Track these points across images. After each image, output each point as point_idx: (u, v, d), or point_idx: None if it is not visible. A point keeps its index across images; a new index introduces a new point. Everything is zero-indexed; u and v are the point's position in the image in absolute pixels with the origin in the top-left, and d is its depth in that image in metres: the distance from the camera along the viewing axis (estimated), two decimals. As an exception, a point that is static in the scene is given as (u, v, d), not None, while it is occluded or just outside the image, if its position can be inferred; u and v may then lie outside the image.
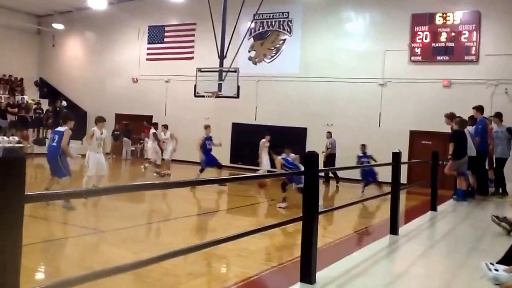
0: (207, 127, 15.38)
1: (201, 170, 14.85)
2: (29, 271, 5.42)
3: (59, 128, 10.14)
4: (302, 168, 12.74)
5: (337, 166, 17.03)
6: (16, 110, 22.96)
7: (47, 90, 27.04)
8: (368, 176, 14.10)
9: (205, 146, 14.97)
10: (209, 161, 14.92)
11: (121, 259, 6.19)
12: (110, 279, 2.62)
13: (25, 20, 26.64)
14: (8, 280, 1.89)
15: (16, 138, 21.33)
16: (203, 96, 17.76)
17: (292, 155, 11.61)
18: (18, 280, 1.93)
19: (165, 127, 17.18)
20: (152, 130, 17.36)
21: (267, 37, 21.10)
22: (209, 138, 15.11)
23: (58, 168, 9.66)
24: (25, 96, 24.73)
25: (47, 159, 9.90)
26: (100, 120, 11.34)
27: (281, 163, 11.13)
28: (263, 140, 16.51)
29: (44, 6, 25.90)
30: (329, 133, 17.72)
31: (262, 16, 20.54)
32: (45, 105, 25.33)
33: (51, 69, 27.46)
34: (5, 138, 20.84)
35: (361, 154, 14.76)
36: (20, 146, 20.58)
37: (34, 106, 24.30)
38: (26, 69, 26.72)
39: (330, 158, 16.87)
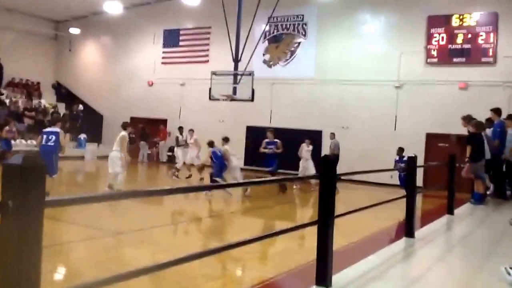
0: (271, 131, 15.01)
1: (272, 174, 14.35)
2: (48, 274, 5.49)
3: (53, 129, 11.02)
4: (234, 162, 13.19)
5: (343, 167, 16.81)
6: (33, 114, 23.22)
7: (64, 94, 27.34)
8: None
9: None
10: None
11: (138, 260, 6.26)
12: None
13: (42, 25, 27.03)
14: (28, 285, 1.93)
15: (34, 142, 21.52)
16: (218, 100, 17.81)
17: (225, 147, 13.38)
18: (39, 285, 1.97)
19: (192, 131, 17.20)
20: (176, 134, 17.41)
21: (282, 40, 21.10)
22: (270, 143, 14.61)
23: (52, 166, 10.30)
24: (42, 100, 25.03)
25: (44, 158, 10.06)
26: (129, 125, 12.82)
27: (209, 155, 13.12)
28: (303, 144, 16.25)
29: (61, 11, 26.20)
30: (333, 134, 17.42)
31: (277, 19, 20.55)
32: (62, 109, 25.64)
33: (67, 73, 27.75)
34: (23, 141, 21.09)
35: (397, 158, 13.66)
36: (37, 150, 20.75)
37: (51, 110, 24.56)
38: (43, 73, 27.05)
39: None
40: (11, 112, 21.88)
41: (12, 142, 20.59)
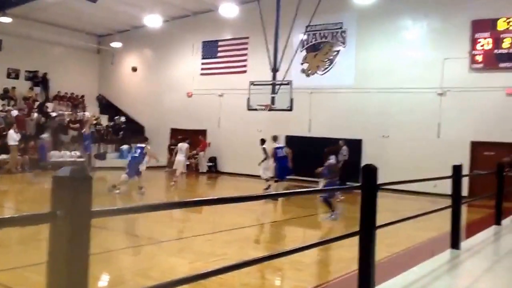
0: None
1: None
2: (94, 281, 5.56)
3: (140, 144, 14.90)
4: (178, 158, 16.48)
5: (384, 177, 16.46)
6: (77, 125, 23.85)
7: (107, 106, 28.02)
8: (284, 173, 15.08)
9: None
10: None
11: (178, 268, 6.28)
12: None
13: (86, 40, 27.82)
14: None
15: (78, 153, 22.14)
16: (256, 109, 17.85)
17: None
18: None
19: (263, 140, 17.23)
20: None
21: (320, 49, 20.97)
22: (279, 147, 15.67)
23: (138, 171, 14.45)
24: (86, 113, 25.67)
25: (131, 165, 14.29)
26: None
27: None
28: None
29: (104, 26, 26.96)
30: (343, 141, 17.93)
31: (315, 27, 20.42)
32: (104, 120, 26.23)
33: (110, 86, 28.43)
34: (67, 152, 21.68)
35: (277, 146, 15.26)
36: (81, 161, 21.36)
37: (94, 122, 25.14)
38: (87, 86, 27.76)
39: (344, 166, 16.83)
40: (55, 125, 22.53)
41: (57, 153, 21.26)
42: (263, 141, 16.97)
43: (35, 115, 22.26)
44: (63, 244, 1.95)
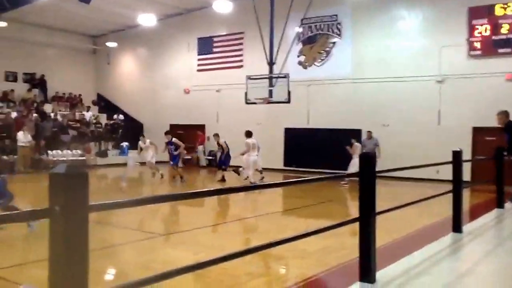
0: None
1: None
2: (97, 275, 5.60)
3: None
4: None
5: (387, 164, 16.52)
6: (77, 125, 23.95)
7: (105, 105, 28.07)
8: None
9: None
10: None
11: (181, 260, 6.30)
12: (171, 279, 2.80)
13: (81, 41, 27.87)
14: (77, 286, 2.07)
15: (79, 152, 22.29)
16: (254, 103, 17.86)
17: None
18: (87, 285, 2.09)
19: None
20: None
21: (316, 41, 20.91)
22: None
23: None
24: (84, 112, 25.75)
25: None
26: (249, 133, 16.50)
27: None
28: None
29: (98, 27, 26.93)
30: (369, 132, 18.13)
31: (310, 20, 20.38)
32: (103, 119, 26.29)
33: (107, 85, 28.44)
34: (69, 152, 21.83)
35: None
36: (83, 159, 21.55)
37: (94, 121, 25.25)
38: (85, 86, 27.88)
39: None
40: (55, 125, 22.61)
41: (59, 152, 21.46)
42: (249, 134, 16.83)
43: (34, 116, 22.36)
44: (62, 238, 2.01)
